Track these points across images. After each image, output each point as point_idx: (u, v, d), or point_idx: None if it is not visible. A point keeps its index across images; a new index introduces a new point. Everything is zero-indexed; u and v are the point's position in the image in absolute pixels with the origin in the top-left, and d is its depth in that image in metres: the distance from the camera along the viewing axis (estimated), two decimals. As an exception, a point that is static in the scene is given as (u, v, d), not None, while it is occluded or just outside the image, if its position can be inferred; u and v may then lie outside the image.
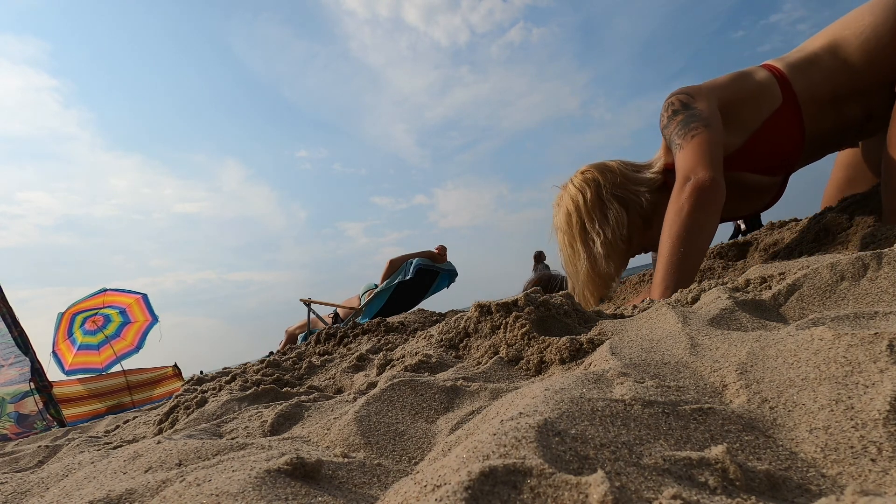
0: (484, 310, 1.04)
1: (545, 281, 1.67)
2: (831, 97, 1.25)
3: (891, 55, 1.18)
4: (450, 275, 4.82)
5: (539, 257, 7.14)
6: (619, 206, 1.37)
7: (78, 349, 5.60)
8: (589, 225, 1.38)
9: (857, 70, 1.21)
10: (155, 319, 6.02)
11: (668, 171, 1.41)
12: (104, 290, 5.65)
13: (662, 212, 1.38)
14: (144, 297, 5.90)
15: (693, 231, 1.13)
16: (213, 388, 1.51)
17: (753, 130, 1.28)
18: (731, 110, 1.26)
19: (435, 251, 4.76)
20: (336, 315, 4.56)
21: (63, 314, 5.50)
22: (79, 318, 5.60)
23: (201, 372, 5.42)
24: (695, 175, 1.15)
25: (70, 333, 5.56)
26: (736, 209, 1.43)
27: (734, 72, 1.32)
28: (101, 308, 5.73)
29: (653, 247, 1.48)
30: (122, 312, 5.89)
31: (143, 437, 1.32)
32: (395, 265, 4.51)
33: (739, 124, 1.27)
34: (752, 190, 1.39)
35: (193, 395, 1.46)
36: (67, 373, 5.41)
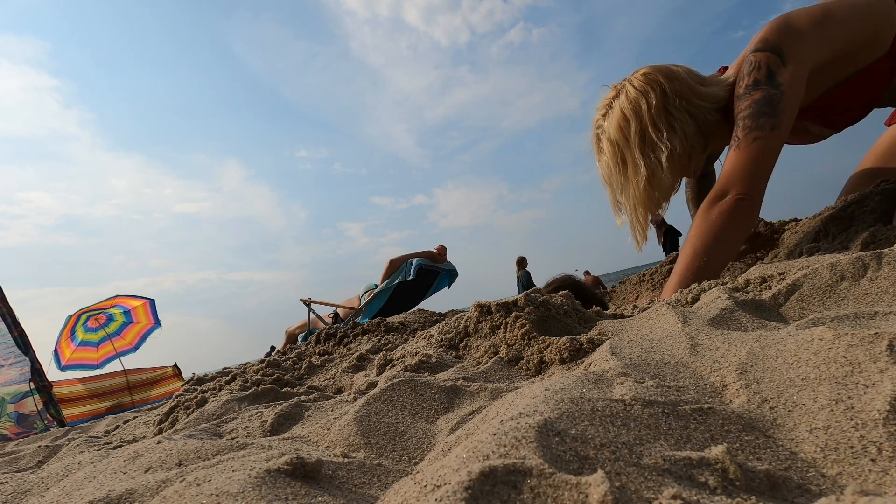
0: (484, 310, 1.04)
1: (572, 285, 1.59)
2: None
3: None
4: (450, 275, 4.82)
5: (521, 263, 7.22)
6: (688, 117, 1.21)
7: (77, 345, 5.62)
8: (654, 134, 1.20)
9: None
10: (157, 324, 6.04)
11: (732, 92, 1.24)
12: (116, 296, 5.71)
13: (721, 133, 1.26)
14: (152, 302, 5.93)
15: (718, 246, 1.08)
16: (213, 388, 1.51)
17: (840, 81, 1.16)
18: (827, 65, 1.12)
19: (435, 251, 4.76)
20: (336, 315, 4.56)
21: (71, 316, 5.53)
22: (83, 318, 5.63)
23: (193, 375, 5.44)
24: (736, 190, 1.08)
25: (73, 332, 5.58)
26: (788, 141, 1.30)
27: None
28: (107, 308, 5.77)
29: (699, 170, 1.35)
30: (126, 313, 5.91)
31: (143, 437, 1.32)
32: (396, 265, 4.51)
33: (829, 77, 1.15)
34: (809, 134, 1.29)
35: (193, 395, 1.46)
36: (63, 368, 5.42)
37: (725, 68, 1.33)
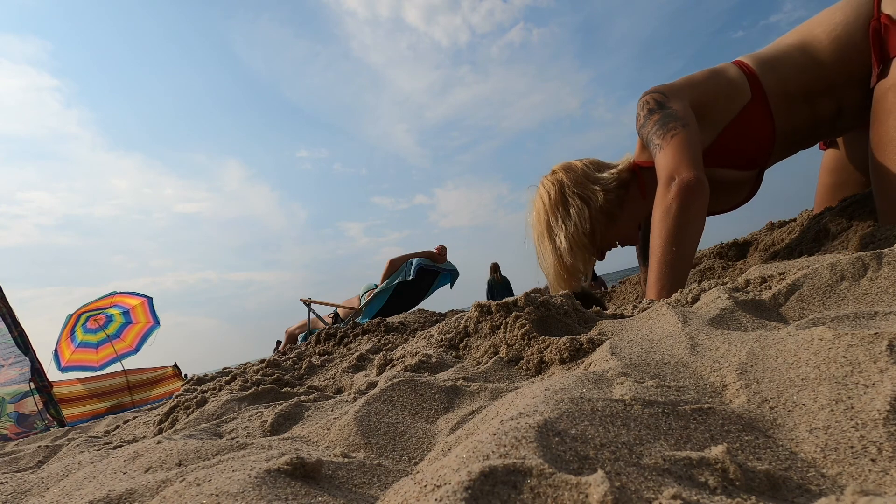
0: (484, 310, 1.04)
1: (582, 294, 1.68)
2: (803, 92, 1.27)
3: (861, 52, 1.20)
4: (451, 275, 4.82)
5: (495, 268, 7.32)
6: (581, 202, 1.43)
7: (77, 346, 5.62)
8: (553, 221, 1.46)
9: (828, 66, 1.23)
10: (156, 324, 6.04)
11: (642, 168, 1.44)
12: (114, 293, 5.70)
13: (629, 205, 1.46)
14: (150, 300, 5.93)
15: (683, 230, 1.15)
16: (213, 388, 1.51)
17: (724, 126, 1.31)
18: (702, 109, 1.30)
19: (435, 251, 4.76)
20: (336, 315, 4.56)
21: (72, 315, 5.53)
22: (83, 318, 5.63)
23: (185, 374, 5.42)
24: (678, 175, 1.17)
25: (72, 332, 5.58)
26: (714, 204, 1.47)
27: (706, 69, 1.35)
28: (107, 308, 5.77)
29: (624, 241, 1.54)
30: (126, 313, 5.91)
31: (143, 437, 1.32)
32: (396, 265, 4.51)
33: (710, 122, 1.31)
34: (728, 185, 1.43)
35: (193, 395, 1.46)
36: (63, 369, 5.42)
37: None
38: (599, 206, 1.43)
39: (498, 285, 7.21)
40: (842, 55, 1.22)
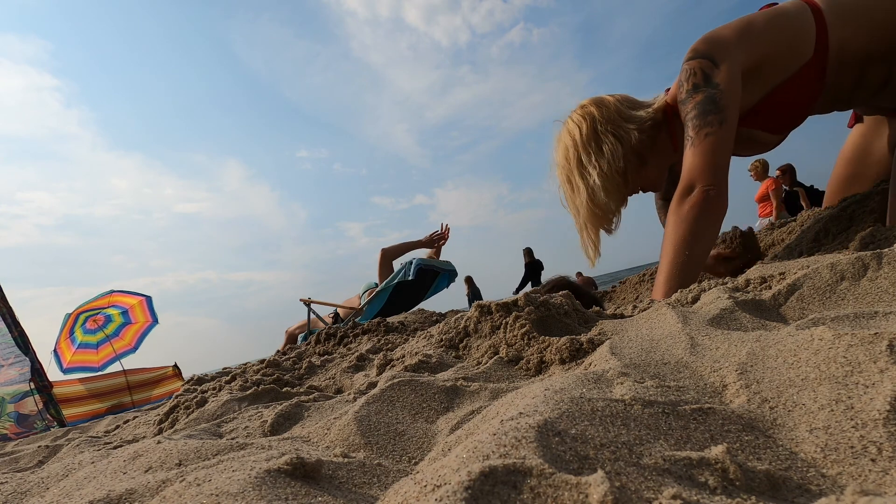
0: (484, 310, 1.04)
1: (566, 286, 1.63)
2: (864, 54, 1.16)
3: None
4: (449, 275, 4.82)
5: (469, 280, 7.57)
6: (615, 139, 1.35)
7: (77, 347, 5.62)
8: (585, 158, 1.37)
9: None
10: (155, 322, 6.04)
11: (670, 109, 1.37)
12: (111, 292, 5.69)
13: (659, 150, 1.39)
14: (148, 299, 5.92)
15: (696, 240, 1.13)
16: (213, 388, 1.51)
17: (775, 86, 1.21)
18: (757, 67, 1.18)
19: (429, 237, 4.72)
20: (336, 315, 4.56)
21: (70, 314, 5.53)
22: (82, 318, 5.63)
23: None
24: (700, 184, 1.14)
25: (72, 332, 5.58)
26: (736, 152, 1.39)
27: (771, 10, 1.21)
28: (105, 308, 5.76)
29: (649, 186, 1.47)
30: (124, 313, 5.90)
31: (143, 437, 1.32)
32: (390, 254, 4.50)
33: (762, 81, 1.20)
34: (757, 143, 1.36)
35: (193, 395, 1.46)
36: (65, 371, 5.42)
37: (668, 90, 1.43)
38: (632, 146, 1.35)
39: (477, 297, 7.51)
40: None
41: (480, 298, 7.10)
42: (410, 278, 4.24)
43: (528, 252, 8.28)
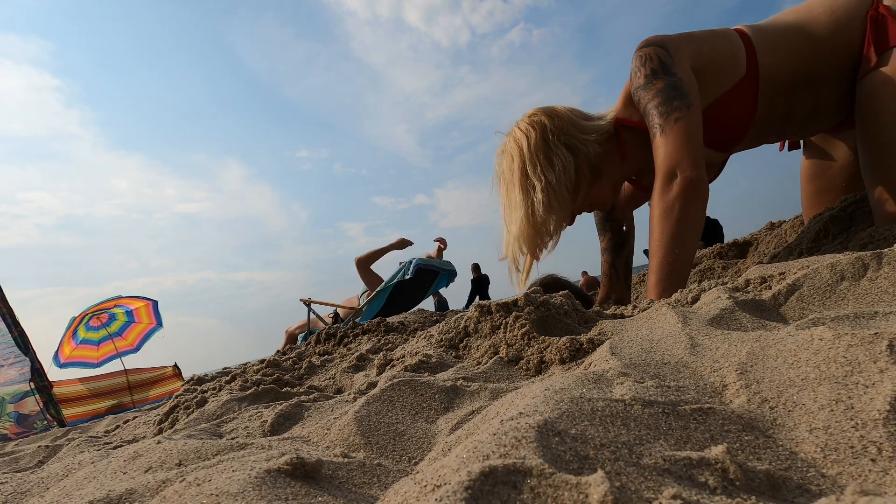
0: (484, 310, 1.04)
1: (553, 284, 1.62)
2: (788, 80, 1.21)
3: (853, 40, 1.16)
4: (449, 275, 4.82)
5: (476, 269, 7.72)
6: (567, 151, 1.27)
7: (78, 343, 5.62)
8: (531, 169, 1.27)
9: (820, 51, 1.18)
10: (159, 325, 6.04)
11: (625, 127, 1.33)
12: (118, 297, 5.69)
13: (612, 164, 1.33)
14: (155, 303, 5.92)
15: (685, 231, 1.11)
16: (213, 388, 1.51)
17: (715, 98, 1.22)
18: (699, 74, 1.19)
19: (434, 252, 4.75)
20: (336, 315, 4.56)
21: (75, 318, 5.53)
22: (87, 318, 5.64)
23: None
24: (681, 172, 1.10)
25: (75, 332, 5.58)
26: None
27: (707, 30, 1.24)
28: (110, 308, 5.77)
29: (599, 203, 1.40)
30: (129, 313, 5.91)
31: (143, 437, 1.32)
32: (364, 261, 4.50)
33: (704, 90, 1.20)
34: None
35: (193, 395, 1.46)
36: (62, 365, 5.41)
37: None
38: (587, 158, 1.28)
39: (482, 287, 7.63)
40: (836, 40, 1.16)
41: (486, 287, 7.08)
42: (409, 277, 4.24)
43: (476, 268, 8.24)
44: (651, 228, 1.16)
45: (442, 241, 4.78)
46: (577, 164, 1.28)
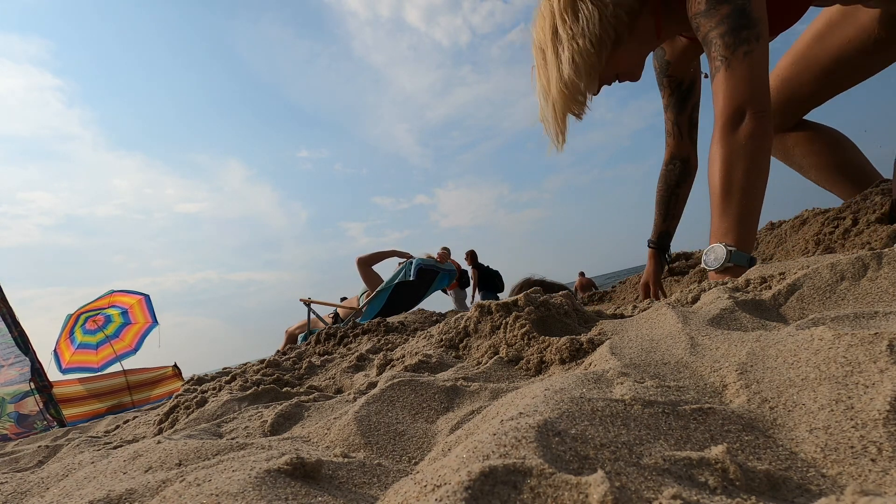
0: (484, 310, 1.04)
1: (535, 284, 1.62)
2: None
3: None
4: (450, 275, 4.82)
5: (471, 255, 7.50)
6: (592, 6, 1.23)
7: (77, 348, 5.62)
8: (561, 26, 1.26)
9: None
10: (155, 322, 6.04)
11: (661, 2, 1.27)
12: (112, 292, 5.69)
13: (639, 33, 1.29)
14: (147, 298, 5.92)
15: (759, 176, 1.03)
16: (213, 388, 1.51)
17: None
18: None
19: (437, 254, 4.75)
20: (336, 315, 4.56)
21: (71, 315, 5.53)
22: (82, 318, 5.63)
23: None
24: (751, 110, 1.02)
25: (72, 333, 5.58)
26: None
27: None
28: (105, 308, 5.76)
29: (626, 71, 1.35)
30: (124, 313, 5.90)
31: (143, 437, 1.32)
32: (365, 261, 4.52)
33: None
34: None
35: (193, 395, 1.46)
36: (64, 371, 5.42)
37: None
38: (611, 15, 1.23)
39: (487, 278, 7.26)
40: None
41: (496, 281, 6.77)
42: (410, 278, 4.24)
43: (472, 255, 7.56)
44: (715, 172, 1.07)
45: (444, 253, 4.79)
46: (600, 18, 1.24)
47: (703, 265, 1.07)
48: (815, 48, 1.45)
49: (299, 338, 4.39)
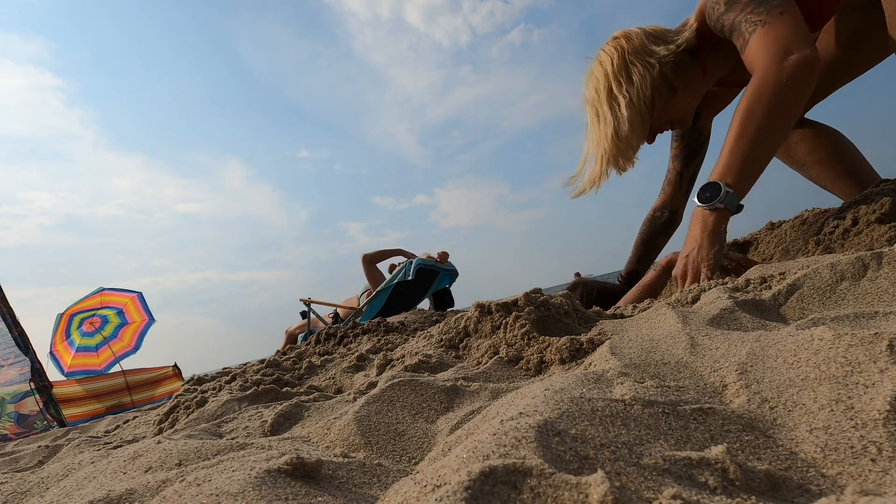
0: (484, 310, 1.04)
1: (588, 283, 1.64)
2: None
3: None
4: (450, 275, 4.82)
5: (305, 314, 6.83)
6: (643, 68, 1.33)
7: (76, 351, 5.61)
8: (616, 87, 1.35)
9: None
10: (151, 320, 6.03)
11: (704, 44, 1.34)
12: (101, 290, 5.66)
13: (689, 77, 1.35)
14: (140, 295, 5.90)
15: (787, 116, 1.03)
16: (213, 388, 1.51)
17: None
18: None
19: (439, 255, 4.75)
20: (336, 315, 4.56)
21: (62, 315, 5.51)
22: (76, 320, 5.61)
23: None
24: (799, 49, 1.01)
25: (68, 335, 5.56)
26: None
27: None
28: (98, 309, 5.74)
29: (678, 118, 1.42)
30: (120, 313, 5.89)
31: (143, 437, 1.32)
32: (371, 259, 4.52)
33: None
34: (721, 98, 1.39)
35: (193, 395, 1.46)
36: (67, 374, 5.42)
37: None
38: (660, 74, 1.33)
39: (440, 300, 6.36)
40: None
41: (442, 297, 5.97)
42: (410, 278, 4.24)
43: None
44: (744, 99, 1.06)
45: (444, 253, 4.79)
46: (651, 79, 1.32)
47: (694, 199, 1.11)
48: (821, 40, 1.45)
49: (299, 338, 4.39)
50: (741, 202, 1.06)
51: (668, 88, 1.36)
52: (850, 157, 1.52)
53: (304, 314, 4.55)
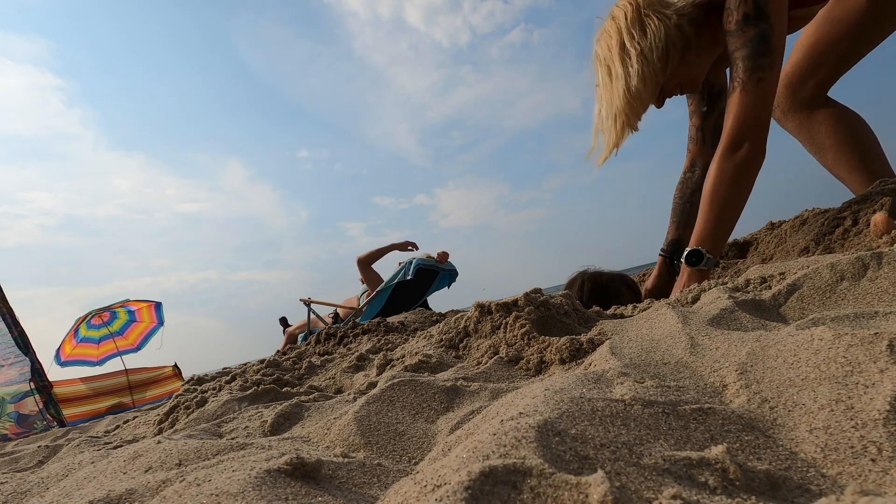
0: (484, 310, 1.04)
1: (592, 277, 1.63)
2: None
3: None
4: (450, 275, 4.81)
5: (283, 322, 6.50)
6: (658, 21, 1.32)
7: (78, 342, 5.62)
8: (628, 41, 1.34)
9: None
10: (160, 324, 6.04)
11: (716, 6, 1.34)
12: (127, 300, 5.70)
13: (700, 42, 1.36)
14: (158, 304, 5.93)
15: (740, 197, 1.22)
16: (213, 388, 1.51)
17: None
18: None
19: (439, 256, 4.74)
20: (336, 315, 4.56)
21: (80, 318, 5.54)
22: (90, 316, 5.65)
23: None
24: (751, 141, 1.19)
25: (76, 330, 5.59)
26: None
27: None
28: (115, 309, 5.78)
29: (689, 81, 1.43)
30: (131, 312, 5.91)
31: (143, 437, 1.32)
32: (365, 261, 4.50)
33: None
34: (805, 19, 1.41)
35: (193, 395, 1.46)
36: (63, 364, 5.42)
37: None
38: (676, 26, 1.33)
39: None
40: None
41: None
42: (409, 278, 4.24)
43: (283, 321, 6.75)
44: (709, 184, 1.26)
45: (444, 253, 4.78)
46: (666, 30, 1.33)
47: (682, 260, 1.27)
48: (836, 9, 1.48)
49: (299, 338, 4.39)
50: (717, 260, 1.26)
51: (684, 41, 1.35)
52: (866, 147, 1.52)
53: (283, 321, 4.54)
